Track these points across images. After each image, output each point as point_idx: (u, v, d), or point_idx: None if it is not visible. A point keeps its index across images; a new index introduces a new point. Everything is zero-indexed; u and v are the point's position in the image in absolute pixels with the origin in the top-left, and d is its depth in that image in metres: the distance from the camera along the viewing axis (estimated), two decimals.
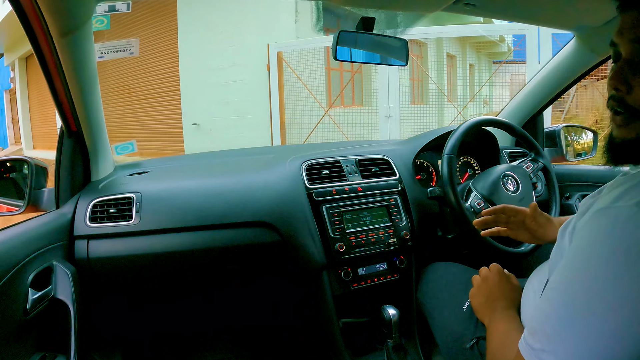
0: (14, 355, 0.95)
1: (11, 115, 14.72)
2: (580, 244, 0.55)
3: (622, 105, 0.59)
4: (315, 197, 1.28)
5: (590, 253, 0.53)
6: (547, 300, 0.56)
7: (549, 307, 0.55)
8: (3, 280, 0.89)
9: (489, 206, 1.22)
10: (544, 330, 0.54)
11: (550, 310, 0.54)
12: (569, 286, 0.53)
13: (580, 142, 1.80)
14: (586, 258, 0.53)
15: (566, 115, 6.77)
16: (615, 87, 0.59)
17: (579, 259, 0.54)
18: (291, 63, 6.32)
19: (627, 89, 0.58)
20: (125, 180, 1.36)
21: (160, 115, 8.27)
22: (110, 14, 1.70)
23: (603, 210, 0.54)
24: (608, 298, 0.49)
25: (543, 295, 0.58)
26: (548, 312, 0.54)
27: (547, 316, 0.54)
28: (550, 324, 0.53)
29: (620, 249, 0.50)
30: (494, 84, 6.07)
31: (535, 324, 0.56)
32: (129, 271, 1.24)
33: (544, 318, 0.55)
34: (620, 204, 0.52)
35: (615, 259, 0.50)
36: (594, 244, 0.53)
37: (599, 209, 0.54)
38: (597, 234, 0.53)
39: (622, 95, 0.59)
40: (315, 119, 6.18)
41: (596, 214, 0.54)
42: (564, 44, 1.47)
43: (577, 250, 0.55)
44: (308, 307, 1.37)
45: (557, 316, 0.53)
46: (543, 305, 0.56)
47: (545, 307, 0.56)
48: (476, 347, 0.94)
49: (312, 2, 6.66)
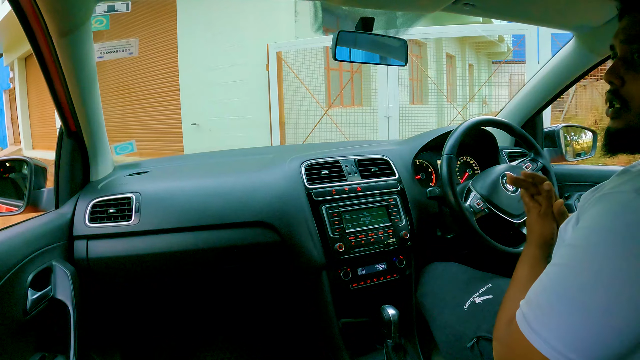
0: (14, 355, 0.95)
1: (10, 115, 14.71)
2: (582, 225, 0.58)
3: (617, 97, 0.65)
4: (314, 197, 1.28)
5: (590, 232, 0.55)
6: (546, 274, 0.58)
7: (547, 279, 0.57)
8: (2, 280, 0.89)
9: (488, 206, 1.22)
10: (538, 301, 0.56)
11: (547, 282, 0.57)
12: (568, 262, 0.56)
13: (580, 142, 1.80)
14: (586, 236, 0.55)
15: (565, 115, 6.78)
16: (609, 81, 0.66)
17: (580, 237, 0.56)
18: (290, 63, 6.32)
19: (620, 83, 0.65)
20: (125, 180, 1.36)
21: (160, 116, 8.26)
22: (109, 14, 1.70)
23: (605, 195, 0.57)
24: (602, 275, 0.51)
25: (544, 270, 0.60)
26: (545, 284, 0.57)
27: (544, 288, 0.56)
28: (546, 296, 0.55)
29: (618, 229, 0.52)
30: (493, 84, 6.08)
31: (532, 294, 0.58)
32: (129, 271, 1.24)
33: (540, 289, 0.57)
34: (620, 189, 0.56)
35: (612, 239, 0.52)
36: (595, 225, 0.55)
37: (601, 195, 0.58)
38: (598, 216, 0.56)
39: (616, 87, 0.66)
40: (314, 119, 6.18)
41: (599, 199, 0.58)
42: (563, 44, 1.47)
43: (579, 231, 0.58)
44: (307, 307, 1.37)
45: (553, 289, 0.55)
46: (542, 278, 0.58)
47: (543, 279, 0.58)
48: (476, 347, 0.94)
49: (312, 2, 6.66)
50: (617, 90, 0.65)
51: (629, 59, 0.64)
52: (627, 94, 0.64)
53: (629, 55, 0.64)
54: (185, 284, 1.42)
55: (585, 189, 1.59)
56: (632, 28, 0.64)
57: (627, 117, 0.64)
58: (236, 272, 1.36)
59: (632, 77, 0.64)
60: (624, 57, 0.65)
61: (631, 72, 0.64)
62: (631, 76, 0.64)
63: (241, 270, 1.35)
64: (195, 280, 1.38)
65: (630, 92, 0.64)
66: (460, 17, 7.72)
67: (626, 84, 0.64)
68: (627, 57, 0.64)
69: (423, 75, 6.66)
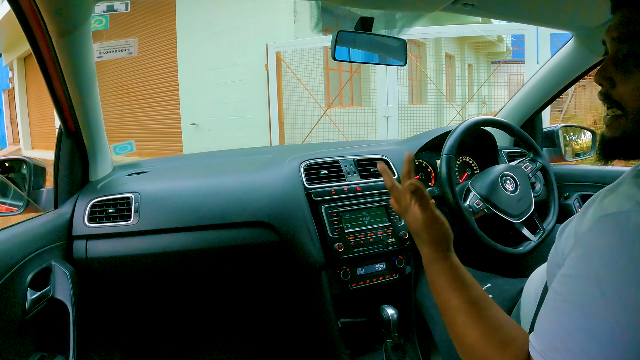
0: (13, 355, 0.95)
1: (10, 115, 14.69)
2: (588, 251, 0.54)
3: (608, 100, 0.61)
4: (313, 197, 1.28)
5: (602, 261, 0.51)
6: (565, 314, 0.53)
7: (569, 321, 0.52)
8: (2, 280, 0.89)
9: (487, 206, 1.22)
10: (568, 347, 0.51)
11: (570, 325, 0.52)
12: (588, 299, 0.51)
13: (579, 142, 1.81)
14: (599, 266, 0.51)
15: (565, 115, 6.79)
16: (599, 83, 0.62)
17: (592, 268, 0.52)
18: (290, 63, 6.32)
19: (610, 85, 0.61)
20: (124, 180, 1.36)
21: (159, 115, 8.26)
22: (108, 14, 1.70)
23: (610, 216, 0.53)
24: (628, 306, 0.48)
25: (556, 307, 0.55)
26: (568, 327, 0.52)
27: (569, 332, 0.51)
28: (576, 341, 0.51)
29: (632, 255, 0.49)
30: (492, 84, 6.08)
31: (556, 341, 0.52)
32: (128, 271, 1.23)
33: (564, 333, 0.52)
34: (626, 209, 0.52)
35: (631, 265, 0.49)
36: (604, 252, 0.52)
37: (605, 215, 0.53)
38: (606, 241, 0.52)
39: (606, 90, 0.61)
40: (313, 119, 6.18)
41: (602, 220, 0.53)
42: (562, 44, 1.47)
43: (587, 259, 0.53)
44: (307, 307, 1.37)
45: (581, 332, 0.50)
46: (560, 319, 0.53)
47: (563, 321, 0.53)
48: None
49: (311, 2, 6.66)
50: (608, 93, 0.61)
51: (619, 58, 0.60)
52: (619, 97, 0.60)
53: (619, 55, 0.60)
54: (184, 284, 1.42)
55: (585, 188, 1.61)
56: (623, 25, 0.60)
57: (622, 124, 0.60)
58: (235, 272, 1.36)
59: (621, 79, 0.59)
60: (614, 56, 0.61)
61: (621, 72, 0.59)
62: (621, 77, 0.60)
63: (240, 270, 1.35)
64: (194, 280, 1.38)
65: (622, 97, 0.59)
66: (460, 17, 7.72)
67: (617, 86, 0.60)
68: (617, 56, 0.60)
69: (422, 75, 6.66)
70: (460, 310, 0.65)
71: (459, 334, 0.64)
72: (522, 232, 1.26)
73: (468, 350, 0.62)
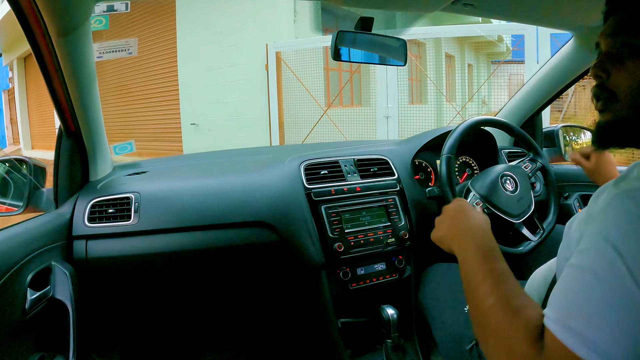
0: (13, 356, 0.95)
1: (9, 115, 14.68)
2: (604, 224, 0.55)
3: (604, 90, 0.66)
4: (313, 197, 1.28)
5: (618, 229, 0.53)
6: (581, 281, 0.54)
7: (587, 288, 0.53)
8: (2, 280, 0.89)
9: (487, 206, 1.22)
10: (587, 313, 0.52)
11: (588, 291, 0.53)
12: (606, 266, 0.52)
13: (579, 142, 1.81)
14: (617, 235, 0.52)
15: (565, 115, 6.78)
16: (596, 75, 0.68)
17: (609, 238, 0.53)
18: (290, 63, 6.31)
19: (607, 76, 0.66)
20: (124, 180, 1.36)
21: (159, 115, 8.26)
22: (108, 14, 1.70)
23: (625, 193, 0.55)
24: None
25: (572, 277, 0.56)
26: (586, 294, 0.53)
27: (587, 298, 0.52)
28: (594, 307, 0.51)
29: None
30: (492, 84, 6.07)
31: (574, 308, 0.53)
32: (128, 271, 1.23)
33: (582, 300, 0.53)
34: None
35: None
36: (620, 221, 0.53)
37: (620, 193, 0.55)
38: (622, 212, 0.54)
39: (602, 81, 0.67)
40: (313, 119, 6.17)
41: (617, 197, 0.55)
42: (562, 44, 1.47)
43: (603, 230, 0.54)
44: (307, 307, 1.37)
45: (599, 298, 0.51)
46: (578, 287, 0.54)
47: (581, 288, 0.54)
48: (475, 349, 0.94)
49: (311, 2, 6.66)
50: (603, 83, 0.67)
51: (614, 52, 0.66)
52: (613, 86, 0.65)
53: (613, 49, 0.66)
54: (184, 284, 1.42)
55: (584, 188, 1.61)
56: (617, 24, 0.66)
57: (615, 109, 0.65)
58: (235, 272, 1.36)
59: (617, 69, 0.65)
60: (609, 51, 0.67)
61: (617, 64, 0.65)
62: (616, 68, 0.65)
63: (240, 270, 1.35)
64: (194, 280, 1.38)
65: (617, 84, 0.65)
66: (460, 17, 7.72)
67: (612, 76, 0.65)
68: (611, 51, 0.66)
69: (422, 75, 6.66)
70: (483, 279, 0.67)
71: (477, 300, 0.65)
72: (522, 232, 1.25)
73: (483, 317, 0.63)
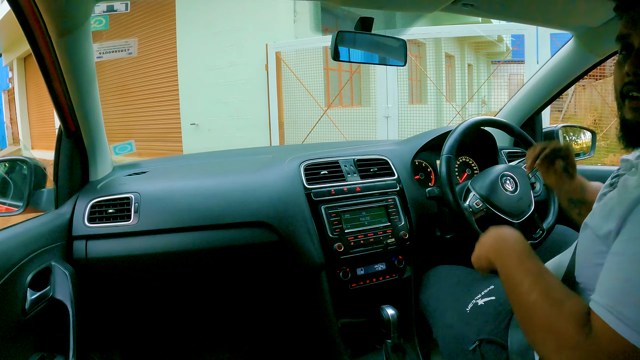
0: (13, 356, 0.95)
1: (9, 115, 14.69)
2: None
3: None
4: (313, 197, 1.28)
5: None
6: (633, 271, 0.55)
7: (635, 277, 0.54)
8: (2, 280, 0.89)
9: (487, 206, 1.22)
10: (634, 300, 0.53)
11: (637, 279, 0.54)
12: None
13: (579, 142, 1.81)
14: None
15: (565, 115, 6.79)
16: (634, 72, 0.63)
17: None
18: (290, 63, 6.31)
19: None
20: (124, 180, 1.36)
21: (159, 116, 8.26)
22: (108, 14, 1.70)
23: None
24: None
25: (621, 267, 0.57)
26: (636, 282, 0.54)
27: (636, 286, 0.54)
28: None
29: None
30: (492, 84, 6.07)
31: (625, 296, 0.54)
32: (128, 271, 1.23)
33: (632, 288, 0.54)
34: None
35: None
36: None
37: None
38: None
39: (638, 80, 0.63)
40: (313, 119, 6.17)
41: None
42: (562, 44, 1.47)
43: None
44: (307, 307, 1.37)
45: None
46: (628, 276, 0.55)
47: (632, 277, 0.55)
48: (478, 350, 0.93)
49: (311, 2, 6.66)
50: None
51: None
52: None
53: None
54: (184, 284, 1.42)
55: None
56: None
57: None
58: (235, 272, 1.36)
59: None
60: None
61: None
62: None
63: (240, 271, 1.35)
64: (194, 280, 1.38)
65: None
66: (460, 17, 7.72)
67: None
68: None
69: (422, 75, 6.66)
70: (522, 279, 0.69)
71: (520, 298, 0.67)
72: (521, 232, 1.26)
73: (528, 313, 0.65)
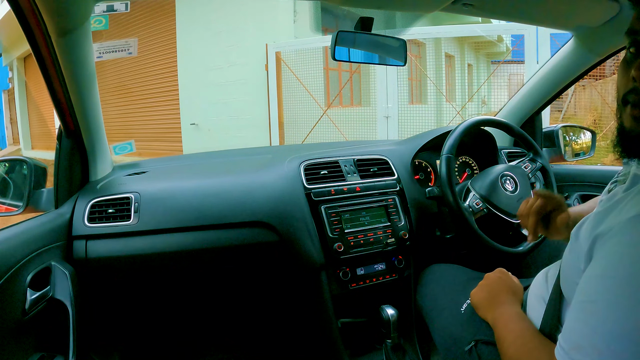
0: (13, 356, 0.94)
1: (9, 115, 14.68)
2: (619, 250, 0.53)
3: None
4: (313, 197, 1.28)
5: (634, 261, 0.51)
6: (591, 313, 0.53)
7: (595, 320, 0.52)
8: (1, 280, 0.89)
9: (487, 206, 1.22)
10: (594, 345, 0.51)
11: (596, 323, 0.52)
12: (616, 298, 0.51)
13: (579, 142, 1.81)
14: (630, 265, 0.51)
15: (564, 115, 6.79)
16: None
17: (622, 267, 0.52)
18: (289, 63, 6.31)
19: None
20: (124, 180, 1.36)
21: (159, 115, 8.26)
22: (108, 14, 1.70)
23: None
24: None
25: (583, 307, 0.55)
26: (594, 326, 0.52)
27: (595, 330, 0.52)
28: (602, 339, 0.51)
29: None
30: (492, 84, 6.08)
31: (582, 340, 0.53)
32: (127, 271, 1.23)
33: (590, 332, 0.52)
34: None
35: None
36: (636, 252, 0.51)
37: (635, 216, 0.53)
38: (638, 241, 0.52)
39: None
40: (313, 119, 6.18)
41: (632, 220, 0.53)
42: (562, 44, 1.47)
43: (617, 258, 0.53)
44: (306, 307, 1.37)
45: (608, 330, 0.51)
46: (586, 318, 0.54)
47: (590, 320, 0.53)
48: (474, 350, 0.93)
49: (311, 2, 6.66)
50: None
51: None
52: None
53: None
54: (184, 284, 1.42)
55: (584, 188, 1.61)
56: None
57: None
58: (235, 272, 1.36)
59: None
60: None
61: None
62: None
63: (240, 271, 1.35)
64: (194, 280, 1.38)
65: None
66: (459, 17, 7.72)
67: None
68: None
69: (422, 75, 6.66)
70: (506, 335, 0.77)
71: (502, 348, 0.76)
72: (521, 232, 1.26)
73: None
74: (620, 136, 0.63)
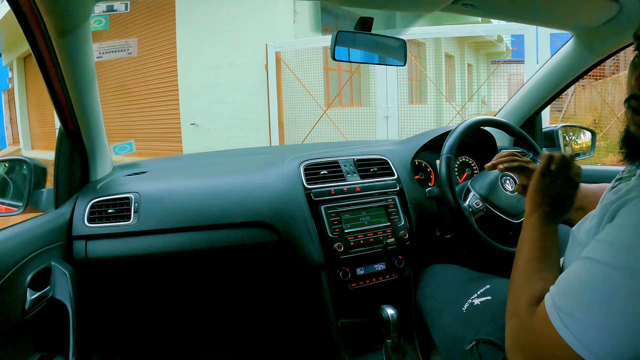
0: (13, 356, 0.95)
1: (9, 115, 14.69)
2: (628, 221, 0.54)
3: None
4: (313, 197, 1.28)
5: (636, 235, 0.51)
6: (586, 268, 0.54)
7: (587, 275, 0.53)
8: (1, 280, 0.89)
9: (487, 206, 1.22)
10: (575, 295, 0.52)
11: (587, 278, 0.53)
12: (613, 261, 0.51)
13: (579, 142, 1.81)
14: (635, 236, 0.51)
15: (564, 115, 6.79)
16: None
17: (627, 236, 0.52)
18: (289, 63, 6.32)
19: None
20: (124, 180, 1.36)
21: (159, 116, 8.27)
22: (108, 14, 1.70)
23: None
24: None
25: (580, 262, 0.55)
26: (584, 280, 0.53)
27: (582, 283, 0.53)
28: (585, 292, 0.51)
29: None
30: (492, 83, 6.08)
31: (568, 287, 0.54)
32: (127, 271, 1.23)
33: (578, 283, 0.53)
34: None
35: None
36: None
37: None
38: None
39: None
40: (313, 119, 6.18)
41: None
42: (562, 44, 1.47)
43: (625, 228, 0.54)
44: (306, 307, 1.37)
45: (595, 288, 0.51)
46: (580, 271, 0.54)
47: (582, 273, 0.54)
48: (475, 350, 0.93)
49: (311, 2, 6.66)
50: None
51: None
52: None
53: None
54: (184, 284, 1.42)
55: None
56: None
57: None
58: (235, 273, 1.36)
59: None
60: None
61: None
62: None
63: (240, 271, 1.35)
64: (194, 280, 1.38)
65: None
66: (459, 17, 7.73)
67: None
68: None
69: (422, 75, 6.66)
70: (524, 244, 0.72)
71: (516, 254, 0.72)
72: None
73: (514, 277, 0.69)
74: (626, 138, 0.63)
